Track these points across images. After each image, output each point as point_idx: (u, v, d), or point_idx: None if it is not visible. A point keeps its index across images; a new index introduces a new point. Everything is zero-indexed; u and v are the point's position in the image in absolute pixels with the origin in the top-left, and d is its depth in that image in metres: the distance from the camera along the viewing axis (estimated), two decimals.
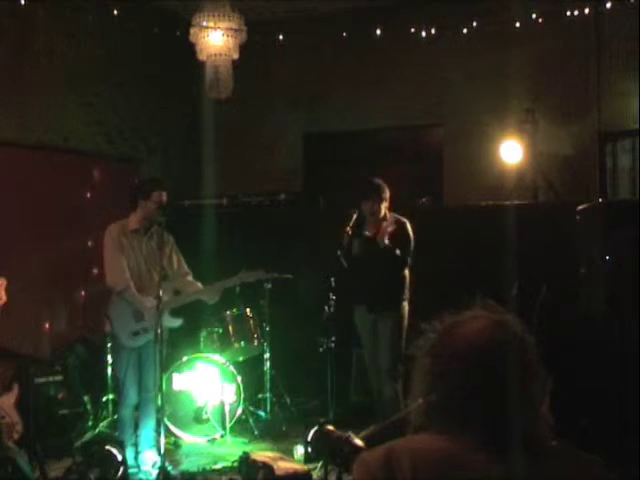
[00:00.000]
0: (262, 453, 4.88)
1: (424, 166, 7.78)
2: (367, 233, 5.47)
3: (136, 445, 5.01)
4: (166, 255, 4.95)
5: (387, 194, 5.43)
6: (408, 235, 5.36)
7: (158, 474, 4.52)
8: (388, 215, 5.44)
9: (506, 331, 1.48)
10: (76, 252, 6.29)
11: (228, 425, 5.64)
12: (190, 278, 5.24)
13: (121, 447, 4.55)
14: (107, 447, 4.50)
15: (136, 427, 5.06)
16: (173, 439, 5.62)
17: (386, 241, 5.23)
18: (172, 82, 7.78)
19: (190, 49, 5.63)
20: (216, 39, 5.49)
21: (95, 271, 6.22)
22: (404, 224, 5.39)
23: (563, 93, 7.14)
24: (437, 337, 1.52)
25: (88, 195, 6.72)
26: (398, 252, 5.26)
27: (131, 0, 6.84)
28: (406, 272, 5.41)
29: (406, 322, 5.33)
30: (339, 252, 5.23)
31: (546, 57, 7.16)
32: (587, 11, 6.66)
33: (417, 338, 1.56)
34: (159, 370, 4.67)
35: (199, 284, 5.23)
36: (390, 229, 5.28)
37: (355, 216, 5.33)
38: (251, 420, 5.87)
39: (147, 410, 5.01)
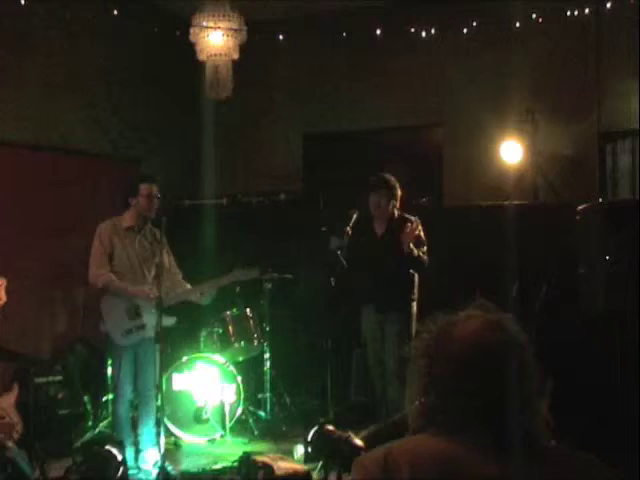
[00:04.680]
0: (262, 453, 4.88)
1: (424, 166, 7.78)
2: (377, 232, 5.44)
3: (136, 445, 5.01)
4: (159, 254, 4.94)
5: (397, 191, 5.38)
6: (421, 236, 5.33)
7: (158, 474, 4.52)
8: (397, 214, 5.42)
9: (500, 330, 1.48)
10: (76, 252, 6.28)
11: (228, 425, 5.64)
12: (179, 278, 5.24)
13: (121, 447, 4.54)
14: (107, 447, 4.50)
15: (134, 426, 5.07)
16: (173, 439, 5.63)
17: (411, 245, 5.20)
18: (172, 82, 7.77)
19: (190, 49, 5.63)
20: (216, 39, 5.49)
21: None
22: (417, 224, 5.35)
23: (563, 93, 7.14)
24: (432, 338, 1.51)
25: (88, 195, 6.72)
26: (421, 254, 5.25)
27: (131, 0, 6.84)
28: (415, 273, 5.39)
29: (414, 322, 5.31)
30: (339, 252, 5.22)
31: (546, 57, 7.16)
32: (587, 11, 6.66)
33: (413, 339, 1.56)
34: (159, 369, 4.67)
35: (188, 285, 5.23)
36: (416, 233, 5.25)
37: (355, 216, 5.31)
38: (251, 420, 5.87)
39: (146, 409, 5.01)
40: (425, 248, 5.32)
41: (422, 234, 5.35)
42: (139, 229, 5.06)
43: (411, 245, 5.19)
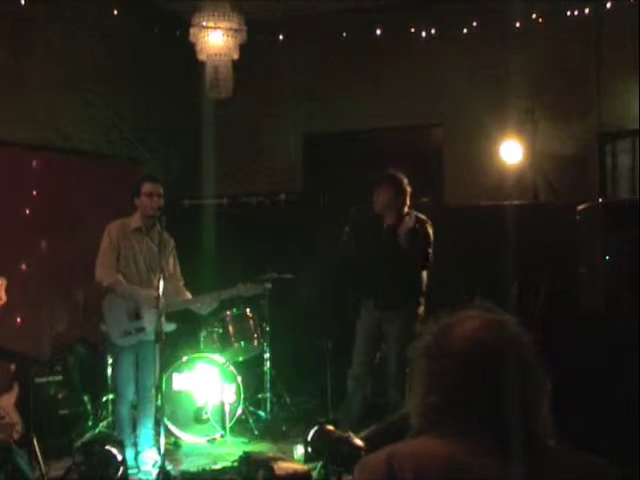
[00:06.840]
0: (262, 453, 4.88)
1: (424, 166, 7.77)
2: (385, 228, 5.37)
3: (136, 445, 5.01)
4: (165, 256, 4.94)
5: (403, 186, 5.25)
6: (428, 234, 5.19)
7: (158, 474, 4.52)
8: (406, 211, 5.35)
9: (503, 330, 1.48)
10: (76, 252, 6.29)
11: (228, 425, 5.64)
12: (181, 285, 5.23)
13: (121, 447, 4.54)
14: (107, 447, 4.50)
15: (134, 426, 5.07)
16: (173, 439, 5.62)
17: (403, 235, 5.09)
18: (172, 82, 7.77)
19: (190, 49, 5.63)
20: (216, 39, 5.49)
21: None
22: (425, 222, 5.22)
23: (563, 93, 7.14)
24: (433, 338, 1.51)
25: (88, 195, 6.72)
26: (424, 251, 5.16)
27: (131, 0, 6.84)
28: (424, 275, 5.26)
29: (417, 327, 5.19)
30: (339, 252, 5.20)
31: (546, 57, 7.16)
32: (587, 11, 6.67)
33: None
34: (158, 370, 4.67)
35: (188, 293, 5.23)
36: (411, 224, 5.18)
37: (355, 215, 5.28)
38: (251, 420, 5.87)
39: (146, 409, 5.01)
40: (428, 248, 5.19)
41: (430, 232, 5.22)
42: (147, 231, 5.06)
43: (402, 235, 5.10)
